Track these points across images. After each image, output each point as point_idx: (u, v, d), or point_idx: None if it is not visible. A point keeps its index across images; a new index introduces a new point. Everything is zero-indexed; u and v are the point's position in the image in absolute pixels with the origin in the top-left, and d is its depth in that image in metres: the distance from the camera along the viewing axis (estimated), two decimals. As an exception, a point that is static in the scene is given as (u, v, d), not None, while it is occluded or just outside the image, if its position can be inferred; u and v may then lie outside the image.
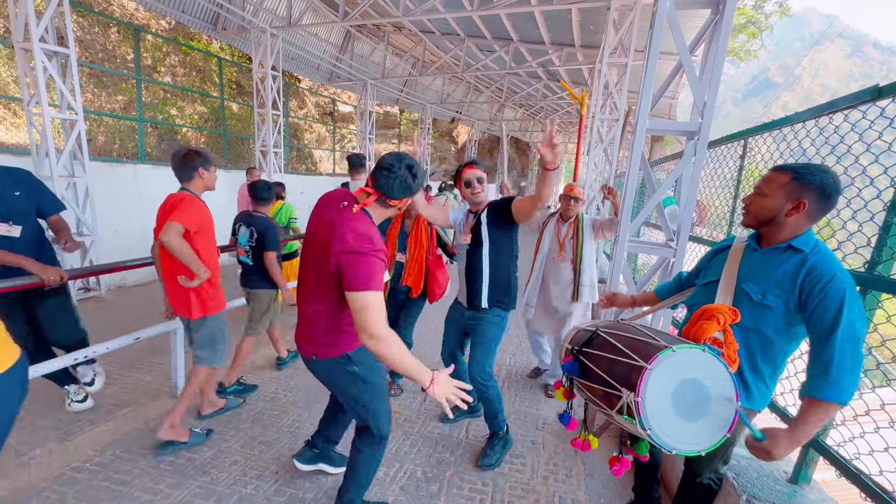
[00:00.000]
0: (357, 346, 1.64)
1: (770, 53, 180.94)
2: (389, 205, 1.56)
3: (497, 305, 2.28)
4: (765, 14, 18.72)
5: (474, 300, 2.28)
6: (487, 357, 2.31)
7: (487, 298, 2.25)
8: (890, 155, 1.44)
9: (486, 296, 2.25)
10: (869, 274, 1.42)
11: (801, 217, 1.29)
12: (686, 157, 2.38)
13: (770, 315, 1.33)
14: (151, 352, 3.50)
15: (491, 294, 2.25)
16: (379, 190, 1.51)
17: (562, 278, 3.01)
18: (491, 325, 2.29)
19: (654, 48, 2.32)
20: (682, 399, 1.17)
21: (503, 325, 2.34)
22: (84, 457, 2.23)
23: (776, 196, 1.32)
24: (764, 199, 1.35)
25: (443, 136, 20.35)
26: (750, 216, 1.40)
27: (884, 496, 1.29)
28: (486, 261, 2.23)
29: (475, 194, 2.25)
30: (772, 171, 1.36)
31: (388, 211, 1.61)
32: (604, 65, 5.92)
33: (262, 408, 2.79)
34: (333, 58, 10.15)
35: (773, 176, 1.34)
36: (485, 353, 2.30)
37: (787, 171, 1.32)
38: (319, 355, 1.63)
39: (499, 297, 2.27)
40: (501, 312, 2.31)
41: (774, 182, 1.33)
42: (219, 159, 8.27)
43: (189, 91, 8.37)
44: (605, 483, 2.25)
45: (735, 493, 1.61)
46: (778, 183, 1.32)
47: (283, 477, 2.16)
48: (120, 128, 6.91)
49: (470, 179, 2.25)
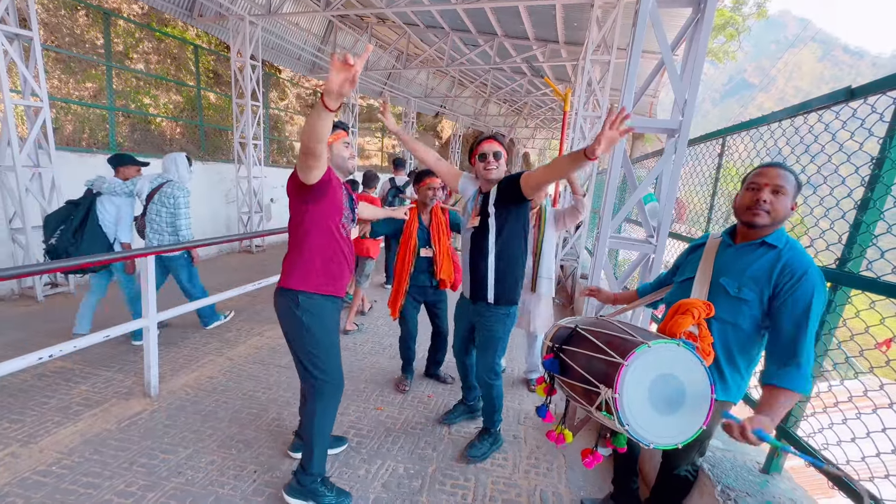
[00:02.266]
0: (307, 289, 1.79)
1: (747, 55, 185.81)
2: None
3: (504, 301, 2.12)
4: (742, 16, 19.20)
5: (479, 292, 2.13)
6: (495, 357, 2.22)
7: (494, 292, 2.08)
8: (860, 155, 1.48)
9: (491, 288, 2.08)
10: (839, 270, 1.46)
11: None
12: (666, 155, 2.41)
13: (746, 308, 1.36)
14: (124, 350, 3.39)
15: (497, 287, 2.08)
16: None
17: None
18: (498, 323, 2.14)
19: (636, 45, 2.33)
20: (658, 394, 1.18)
21: (512, 321, 2.19)
22: (50, 459, 2.14)
23: (789, 194, 1.33)
24: (785, 197, 1.33)
25: (427, 130, 20.21)
26: (769, 216, 1.34)
27: (849, 484, 1.33)
28: (493, 249, 2.04)
29: (487, 170, 2.04)
30: (779, 168, 1.35)
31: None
32: (587, 62, 5.96)
33: (241, 406, 2.73)
34: (315, 48, 9.93)
35: (783, 174, 1.34)
36: (493, 353, 2.21)
37: (790, 171, 1.33)
38: (281, 283, 1.84)
39: (506, 290, 2.10)
40: (508, 309, 2.15)
41: (788, 180, 1.33)
42: (196, 151, 8.01)
43: (163, 79, 8.06)
44: (586, 476, 2.28)
45: (710, 484, 1.65)
46: (791, 183, 1.33)
47: (263, 476, 2.11)
48: (89, 116, 6.59)
49: (486, 152, 2.04)
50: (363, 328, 4.21)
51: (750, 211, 1.36)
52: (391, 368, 3.38)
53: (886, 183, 1.35)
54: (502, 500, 2.07)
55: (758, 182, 1.36)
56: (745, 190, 1.40)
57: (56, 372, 3.00)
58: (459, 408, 2.71)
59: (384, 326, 4.37)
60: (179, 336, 3.76)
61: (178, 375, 3.07)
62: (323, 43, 10.09)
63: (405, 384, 3.07)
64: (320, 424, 1.89)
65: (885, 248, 1.35)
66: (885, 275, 1.31)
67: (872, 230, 1.39)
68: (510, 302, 2.15)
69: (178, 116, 8.27)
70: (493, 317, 2.15)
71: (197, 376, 3.07)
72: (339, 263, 1.86)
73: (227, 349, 3.55)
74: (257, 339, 3.79)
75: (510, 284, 2.11)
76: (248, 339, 3.76)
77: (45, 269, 2.14)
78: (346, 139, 1.88)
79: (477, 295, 2.15)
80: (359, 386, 3.07)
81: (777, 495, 1.58)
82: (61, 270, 2.79)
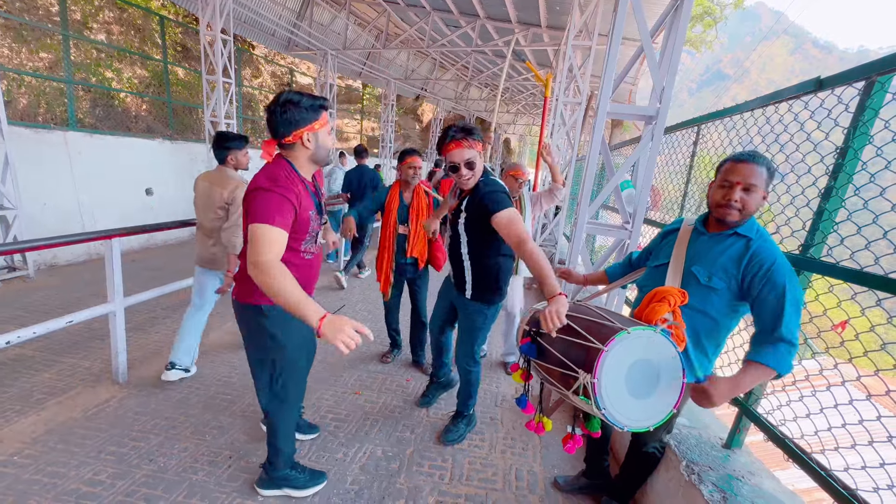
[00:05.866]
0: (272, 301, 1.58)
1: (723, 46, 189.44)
2: (289, 143, 1.50)
3: (481, 300, 2.09)
4: (720, 5, 19.47)
5: (460, 286, 2.14)
6: (475, 345, 2.23)
7: (471, 291, 2.09)
8: (823, 145, 1.53)
9: (469, 287, 2.09)
10: (802, 256, 1.52)
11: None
12: (644, 142, 2.44)
13: (715, 297, 1.41)
14: (90, 336, 3.26)
15: (475, 287, 2.07)
16: (273, 136, 1.51)
17: None
18: (478, 314, 2.14)
19: (617, 31, 2.33)
20: (634, 379, 1.22)
21: (491, 315, 2.16)
22: (12, 449, 2.05)
23: (760, 190, 1.33)
24: (756, 193, 1.33)
25: (407, 113, 19.88)
26: (741, 213, 1.35)
27: (802, 456, 1.42)
28: (467, 257, 2.03)
29: (465, 182, 1.86)
30: (750, 162, 1.33)
31: (301, 152, 1.52)
32: (569, 47, 5.93)
33: (215, 392, 2.68)
34: (290, 24, 9.53)
35: (754, 169, 1.33)
36: (472, 341, 2.21)
37: (762, 164, 1.33)
38: (238, 296, 1.64)
39: (483, 290, 2.07)
40: (485, 307, 2.11)
41: (759, 176, 1.33)
42: (164, 129, 7.64)
43: (127, 52, 7.59)
44: (560, 455, 2.35)
45: (676, 459, 1.72)
46: (762, 177, 1.33)
47: (238, 462, 2.09)
48: (45, 89, 6.17)
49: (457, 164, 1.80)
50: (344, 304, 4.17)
51: (721, 209, 1.38)
52: (370, 353, 3.37)
53: (849, 172, 1.41)
54: (478, 479, 2.12)
55: (730, 180, 1.36)
56: (718, 186, 1.40)
57: (15, 360, 2.86)
58: (432, 388, 2.74)
59: (363, 311, 4.34)
60: (149, 322, 3.64)
61: (149, 362, 2.98)
62: (299, 18, 9.69)
63: (388, 357, 3.27)
64: (284, 433, 1.82)
65: (845, 234, 1.41)
66: (843, 260, 1.38)
67: (834, 217, 1.45)
68: (489, 302, 2.10)
69: (144, 92, 7.84)
70: (473, 310, 2.15)
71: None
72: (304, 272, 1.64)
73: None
74: (231, 325, 3.70)
75: (489, 287, 2.06)
76: (223, 325, 3.67)
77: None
78: (329, 126, 1.58)
79: (458, 286, 2.17)
80: (337, 371, 3.05)
81: (737, 468, 1.67)
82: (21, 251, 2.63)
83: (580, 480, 2.06)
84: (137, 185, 6.42)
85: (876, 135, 1.35)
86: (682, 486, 1.64)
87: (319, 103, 1.50)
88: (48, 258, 5.14)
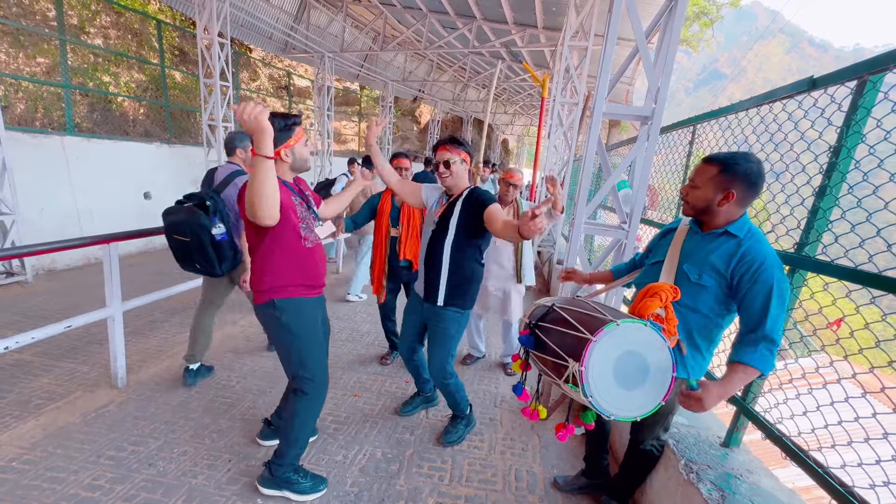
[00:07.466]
0: (283, 296, 1.74)
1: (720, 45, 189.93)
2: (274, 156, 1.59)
3: (453, 304, 2.11)
4: (717, 4, 19.54)
5: (431, 294, 2.12)
6: (447, 357, 2.20)
7: (444, 295, 2.09)
8: (819, 144, 1.54)
9: (442, 291, 2.08)
10: (797, 255, 1.53)
11: (731, 205, 1.38)
12: (640, 141, 2.45)
13: (705, 294, 1.43)
14: (88, 340, 3.26)
15: (448, 290, 2.08)
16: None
17: (503, 261, 3.14)
18: (450, 322, 2.13)
19: (612, 32, 2.34)
20: (622, 369, 1.24)
21: (463, 323, 2.18)
22: (10, 455, 2.05)
23: (707, 187, 1.39)
24: (697, 190, 1.42)
25: (405, 115, 19.88)
26: (688, 206, 1.48)
27: (800, 454, 1.43)
28: (448, 252, 2.05)
29: (442, 179, 2.09)
30: (702, 162, 1.42)
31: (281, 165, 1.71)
32: (565, 48, 5.95)
33: (214, 395, 2.68)
34: (287, 27, 9.53)
35: (704, 168, 1.41)
36: (444, 353, 2.19)
37: (715, 163, 1.39)
38: (255, 300, 1.78)
39: (456, 295, 2.10)
40: (457, 312, 2.14)
41: (705, 174, 1.40)
42: (161, 133, 7.64)
43: (124, 56, 7.59)
44: (559, 455, 2.36)
45: (675, 458, 1.73)
46: (708, 175, 1.39)
47: (237, 465, 2.09)
48: (43, 94, 6.16)
49: (437, 161, 2.08)
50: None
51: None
52: (368, 355, 3.37)
53: (842, 171, 1.42)
54: (478, 480, 2.12)
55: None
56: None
57: (14, 365, 2.86)
58: (416, 399, 2.70)
59: (362, 314, 4.34)
60: (147, 326, 3.64)
61: (148, 366, 2.98)
62: (296, 21, 9.69)
63: (387, 359, 3.29)
64: (302, 422, 1.86)
65: (840, 232, 1.42)
66: (837, 258, 1.38)
67: (828, 216, 1.46)
68: (461, 307, 2.14)
69: (142, 96, 7.84)
70: (445, 317, 2.13)
71: (168, 366, 2.99)
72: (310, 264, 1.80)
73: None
74: (230, 328, 3.71)
75: (462, 290, 2.11)
76: (222, 328, 3.67)
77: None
78: (304, 138, 1.76)
79: (429, 296, 2.14)
80: (336, 373, 3.06)
81: (736, 467, 1.67)
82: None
83: (579, 480, 2.07)
84: (135, 189, 6.42)
85: (868, 133, 1.36)
86: (680, 485, 1.65)
87: (291, 122, 1.69)
88: (46, 263, 5.13)
